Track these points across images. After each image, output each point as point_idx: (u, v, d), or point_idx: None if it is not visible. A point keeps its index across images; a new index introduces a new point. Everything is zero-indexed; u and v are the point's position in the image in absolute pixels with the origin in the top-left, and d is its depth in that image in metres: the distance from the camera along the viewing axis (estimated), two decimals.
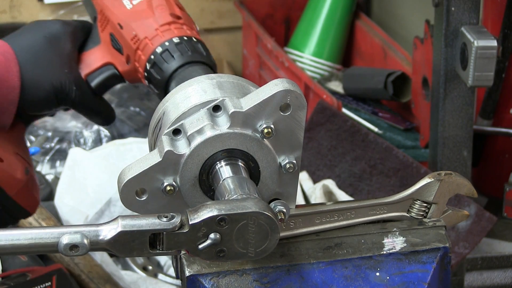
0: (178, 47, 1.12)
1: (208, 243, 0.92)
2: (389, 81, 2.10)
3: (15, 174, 1.17)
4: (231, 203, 0.92)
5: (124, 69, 1.20)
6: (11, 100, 1.15)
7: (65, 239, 0.90)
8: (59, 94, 1.17)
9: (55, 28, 1.21)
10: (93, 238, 0.91)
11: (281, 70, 2.29)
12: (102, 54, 1.21)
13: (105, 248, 0.92)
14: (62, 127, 2.17)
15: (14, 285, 1.44)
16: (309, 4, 2.49)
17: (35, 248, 0.91)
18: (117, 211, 1.77)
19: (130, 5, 1.18)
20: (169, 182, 0.99)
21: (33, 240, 0.90)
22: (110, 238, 0.91)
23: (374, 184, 1.82)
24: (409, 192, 1.10)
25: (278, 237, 0.95)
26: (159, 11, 1.16)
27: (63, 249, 0.90)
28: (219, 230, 0.92)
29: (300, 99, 0.99)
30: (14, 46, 1.17)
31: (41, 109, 1.19)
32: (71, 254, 0.90)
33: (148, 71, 1.13)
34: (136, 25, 1.15)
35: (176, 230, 0.92)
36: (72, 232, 0.90)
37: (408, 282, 1.04)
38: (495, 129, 1.89)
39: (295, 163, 1.02)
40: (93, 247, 0.91)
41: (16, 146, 1.19)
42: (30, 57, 1.16)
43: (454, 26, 1.62)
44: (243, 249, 0.94)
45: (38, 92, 1.16)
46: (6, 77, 1.14)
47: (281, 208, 0.99)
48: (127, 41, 1.15)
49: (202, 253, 0.93)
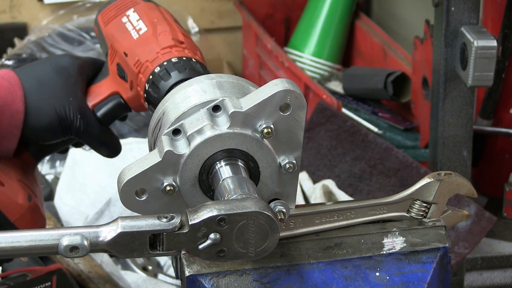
0: (176, 65, 1.12)
1: (208, 243, 0.92)
2: (389, 81, 2.10)
3: (16, 199, 1.16)
4: (230, 203, 0.92)
5: (128, 95, 1.21)
6: (15, 124, 1.16)
7: (65, 240, 0.90)
8: (63, 122, 1.17)
9: (63, 60, 1.23)
10: (93, 240, 0.91)
11: (281, 70, 2.29)
12: (109, 84, 1.23)
13: (105, 249, 0.92)
14: None
15: (14, 285, 1.44)
16: (309, 4, 2.49)
17: (35, 250, 0.91)
18: (117, 211, 1.77)
19: (137, 35, 1.19)
20: (169, 182, 0.99)
21: (33, 242, 0.90)
22: (110, 239, 0.91)
23: (374, 184, 1.82)
24: (409, 192, 1.10)
25: (278, 237, 0.95)
26: (161, 37, 1.17)
27: (63, 251, 0.90)
28: (219, 230, 0.92)
29: (300, 99, 0.99)
30: (20, 74, 1.19)
31: (45, 136, 1.19)
32: (71, 255, 0.90)
33: (147, 91, 1.14)
34: (139, 51, 1.17)
35: (176, 231, 0.92)
36: (72, 233, 0.91)
37: (408, 282, 1.04)
38: (495, 129, 1.89)
39: (295, 163, 1.02)
40: (93, 248, 0.91)
41: (20, 174, 1.19)
42: (35, 84, 1.18)
43: (454, 26, 1.62)
44: (243, 249, 0.94)
45: (42, 118, 1.17)
46: (10, 101, 1.15)
47: (281, 208, 0.99)
48: (131, 67, 1.17)
49: (202, 253, 0.93)
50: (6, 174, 1.17)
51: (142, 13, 1.22)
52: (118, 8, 1.25)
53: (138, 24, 1.20)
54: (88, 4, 2.51)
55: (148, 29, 1.19)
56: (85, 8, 2.51)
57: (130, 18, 1.22)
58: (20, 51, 2.34)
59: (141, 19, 1.21)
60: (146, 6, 1.23)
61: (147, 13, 1.22)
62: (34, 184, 1.23)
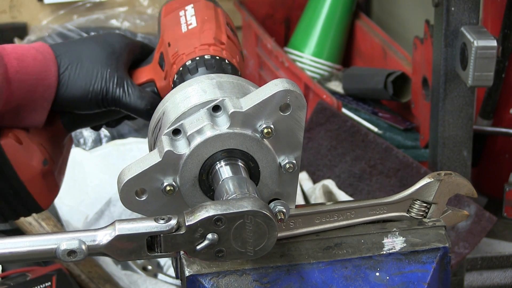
0: (206, 62, 1.12)
1: (206, 243, 0.92)
2: (389, 81, 2.10)
3: (30, 159, 1.17)
4: (227, 203, 0.93)
5: (161, 84, 1.21)
6: (47, 98, 1.16)
7: (63, 245, 0.90)
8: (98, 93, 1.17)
9: (110, 37, 1.24)
10: (91, 243, 0.91)
11: (281, 70, 2.29)
12: (149, 71, 1.24)
13: (103, 253, 0.92)
14: None
15: (14, 285, 1.44)
16: (309, 4, 2.49)
17: (34, 255, 0.91)
18: (117, 211, 1.77)
19: (186, 29, 1.21)
20: (169, 182, 0.99)
21: (31, 248, 0.91)
22: (107, 242, 0.91)
23: (374, 184, 1.82)
24: (409, 192, 1.10)
25: (276, 235, 0.95)
26: (205, 34, 1.18)
27: (61, 255, 0.90)
28: (216, 230, 0.92)
29: (300, 99, 0.99)
30: (57, 48, 1.19)
31: (79, 107, 1.19)
32: (70, 260, 0.91)
33: (174, 82, 1.14)
34: (181, 43, 1.18)
35: (173, 232, 0.92)
36: (69, 238, 0.91)
37: (408, 282, 1.04)
38: (495, 129, 1.89)
39: (295, 163, 1.02)
40: (91, 252, 0.91)
41: (44, 139, 1.21)
42: (74, 57, 1.18)
43: (454, 26, 1.62)
44: (242, 248, 0.94)
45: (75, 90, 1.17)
46: (44, 76, 1.16)
47: (281, 208, 0.99)
48: (169, 57, 1.17)
49: (201, 254, 0.93)
50: (28, 135, 1.18)
51: (198, 10, 1.23)
52: (181, 2, 1.26)
53: (191, 19, 1.22)
54: (88, 4, 2.51)
55: (197, 25, 1.20)
56: (85, 8, 2.51)
57: (186, 13, 1.23)
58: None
59: (195, 15, 1.22)
60: (204, 4, 1.25)
61: (202, 11, 1.23)
62: (58, 152, 1.24)
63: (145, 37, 2.43)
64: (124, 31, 2.44)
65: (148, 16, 2.50)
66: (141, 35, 2.43)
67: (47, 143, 1.21)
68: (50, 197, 1.24)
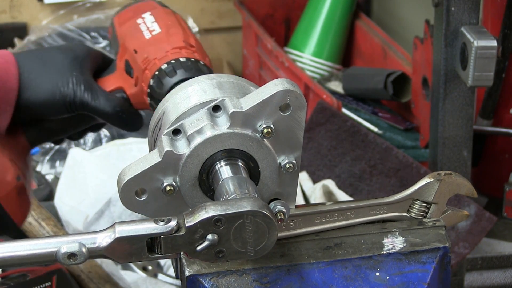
0: (183, 64, 1.13)
1: (206, 244, 0.92)
2: (389, 81, 2.10)
3: (4, 175, 1.17)
4: (226, 203, 0.93)
5: (132, 91, 1.22)
6: (8, 102, 1.16)
7: (63, 248, 0.90)
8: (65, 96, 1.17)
9: (73, 44, 1.24)
10: (91, 246, 0.92)
11: (281, 70, 2.29)
12: (115, 79, 1.24)
13: (104, 255, 0.92)
14: None
15: (14, 285, 1.44)
16: (309, 4, 2.49)
17: (34, 259, 0.91)
18: (117, 211, 1.77)
19: (149, 35, 1.21)
20: (169, 182, 0.99)
21: (31, 251, 0.91)
22: (107, 245, 0.92)
23: (374, 184, 1.82)
24: (409, 192, 1.10)
25: (277, 234, 0.95)
26: (173, 38, 1.19)
27: (61, 259, 0.90)
28: (216, 231, 0.92)
29: (300, 99, 0.99)
30: (19, 54, 1.19)
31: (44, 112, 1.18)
32: (70, 263, 0.91)
33: (151, 86, 1.14)
34: (150, 49, 1.19)
35: (173, 233, 0.92)
36: (70, 241, 0.91)
37: (408, 282, 1.04)
38: (495, 129, 1.89)
39: (295, 163, 1.02)
40: (91, 254, 0.92)
41: (13, 154, 1.20)
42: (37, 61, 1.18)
43: (454, 26, 1.62)
44: (242, 249, 0.94)
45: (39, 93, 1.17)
46: (4, 79, 1.15)
47: (281, 208, 0.99)
48: (138, 63, 1.18)
49: (201, 255, 0.93)
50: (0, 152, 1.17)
51: (158, 16, 1.24)
52: (135, 11, 1.27)
53: (152, 25, 1.23)
54: (88, 4, 2.51)
55: (161, 30, 1.21)
56: (85, 8, 2.51)
57: (145, 20, 1.24)
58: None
59: (156, 21, 1.23)
60: (162, 11, 1.26)
61: (162, 17, 1.24)
62: (25, 168, 1.23)
63: None
64: None
65: None
66: None
67: (17, 159, 1.20)
68: (24, 213, 1.23)
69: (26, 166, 1.23)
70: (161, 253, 0.93)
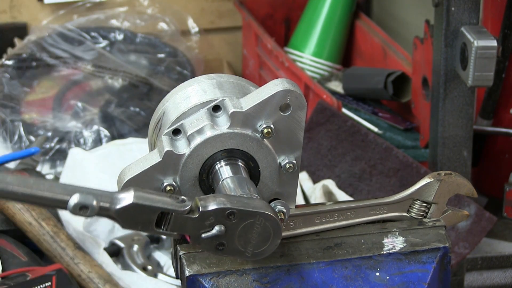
0: None
1: (212, 233, 0.92)
2: (389, 81, 2.10)
3: None
4: (242, 199, 0.93)
5: None
6: None
7: (76, 197, 0.89)
8: None
9: None
10: (104, 204, 0.90)
11: (281, 70, 2.29)
12: None
13: (112, 216, 0.91)
14: (62, 127, 2.17)
15: (14, 285, 1.44)
16: (309, 4, 2.49)
17: (46, 200, 0.89)
18: None
19: None
20: (169, 182, 0.99)
21: (45, 192, 0.89)
22: (120, 207, 0.90)
23: (374, 184, 1.82)
24: (409, 192, 1.10)
25: (278, 243, 0.95)
26: None
27: (72, 208, 0.89)
28: (226, 223, 0.93)
29: (300, 99, 0.99)
30: None
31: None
32: (79, 213, 0.89)
33: None
34: None
35: (186, 214, 0.92)
36: (85, 192, 0.89)
37: (408, 282, 1.04)
38: (495, 129, 1.89)
39: (295, 163, 1.02)
40: (101, 212, 0.90)
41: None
42: None
43: (454, 26, 1.62)
44: (242, 248, 0.94)
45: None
46: None
47: (281, 208, 0.99)
48: None
49: (203, 243, 0.93)
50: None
51: None
52: None
53: None
54: (88, 4, 2.51)
55: None
56: (85, 8, 2.51)
57: None
58: (20, 51, 2.34)
59: None
60: None
61: None
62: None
63: (145, 37, 2.43)
64: (124, 31, 2.44)
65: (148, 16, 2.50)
66: (141, 35, 2.43)
67: None
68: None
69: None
70: (167, 229, 0.92)
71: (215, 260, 1.02)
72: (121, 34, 2.41)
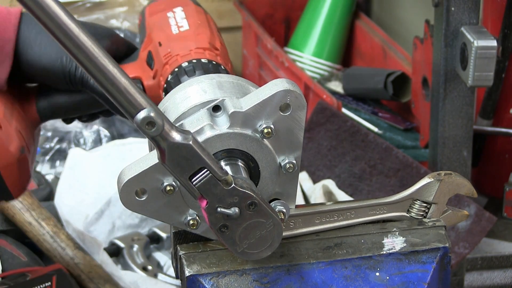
0: (204, 66, 1.12)
1: (228, 212, 0.94)
2: (389, 81, 2.10)
3: (8, 145, 1.15)
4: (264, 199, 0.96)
5: (149, 83, 1.21)
6: (5, 52, 1.14)
7: (150, 111, 0.89)
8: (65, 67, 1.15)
9: (96, 24, 1.22)
10: (167, 131, 0.91)
11: (281, 70, 2.29)
12: (134, 68, 1.23)
13: (161, 147, 0.91)
14: (62, 127, 2.17)
15: (14, 285, 1.44)
16: (309, 4, 2.49)
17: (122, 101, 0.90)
18: (117, 211, 1.77)
19: (177, 31, 1.21)
20: (169, 182, 0.99)
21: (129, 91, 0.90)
22: (175, 142, 0.91)
23: (374, 184, 1.82)
24: (409, 192, 1.10)
25: (268, 254, 0.97)
26: (199, 38, 1.19)
27: (140, 120, 0.89)
28: (242, 210, 0.94)
29: (300, 99, 0.99)
30: None
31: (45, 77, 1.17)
32: (144, 128, 0.89)
33: (168, 82, 1.14)
34: (174, 44, 1.18)
35: (220, 180, 0.93)
36: (158, 113, 0.90)
37: (408, 282, 1.04)
38: (495, 129, 1.89)
39: (295, 163, 1.02)
40: (162, 135, 0.90)
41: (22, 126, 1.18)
42: None
43: (454, 26, 1.62)
44: (238, 240, 0.96)
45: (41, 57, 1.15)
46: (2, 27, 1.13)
47: (281, 208, 0.99)
48: (161, 57, 1.17)
49: (213, 216, 0.94)
50: (7, 120, 1.16)
51: (189, 13, 1.24)
52: (167, 4, 1.27)
53: (181, 21, 1.22)
54: (88, 4, 2.51)
55: (189, 28, 1.20)
56: (85, 8, 2.51)
57: (176, 15, 1.24)
58: None
59: (186, 18, 1.23)
60: (194, 9, 1.26)
61: (193, 15, 1.24)
62: (31, 141, 1.21)
63: None
64: (124, 31, 2.44)
65: None
66: None
67: (24, 131, 1.19)
68: (22, 186, 1.21)
69: (32, 140, 1.22)
70: (196, 185, 0.93)
71: (215, 260, 1.02)
72: (121, 34, 2.41)
